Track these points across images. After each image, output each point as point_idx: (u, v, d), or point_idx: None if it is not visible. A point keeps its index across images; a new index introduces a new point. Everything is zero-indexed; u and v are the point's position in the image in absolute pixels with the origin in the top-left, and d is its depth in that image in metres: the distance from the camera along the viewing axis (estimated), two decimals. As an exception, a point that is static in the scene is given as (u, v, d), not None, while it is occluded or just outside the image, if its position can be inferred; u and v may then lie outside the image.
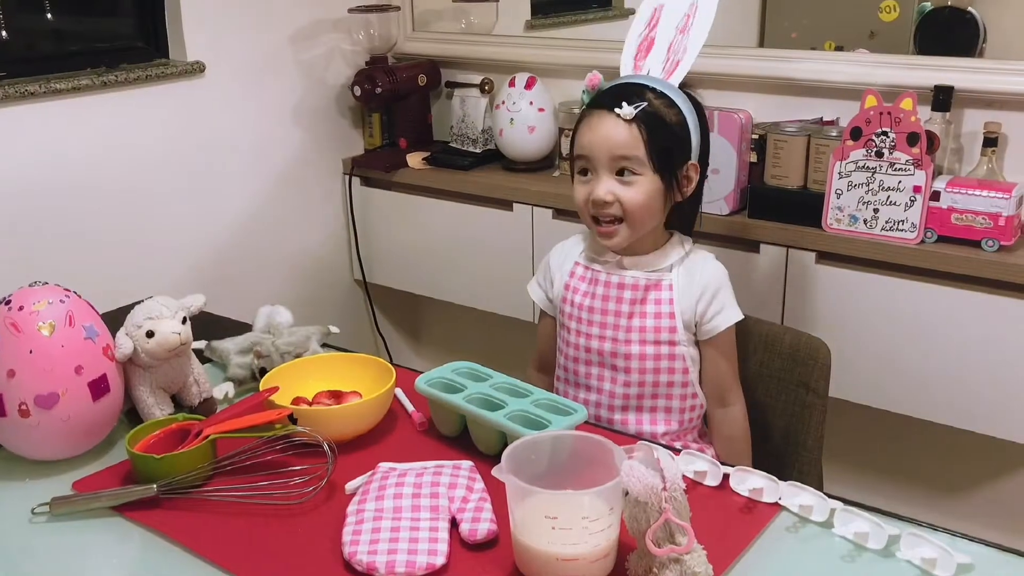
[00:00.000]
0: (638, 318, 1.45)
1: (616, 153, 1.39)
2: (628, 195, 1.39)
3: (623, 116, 1.38)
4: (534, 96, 2.34)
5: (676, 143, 1.42)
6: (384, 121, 2.64)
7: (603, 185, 1.40)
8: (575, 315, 1.50)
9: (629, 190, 1.39)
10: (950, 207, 1.79)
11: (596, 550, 0.97)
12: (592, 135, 1.41)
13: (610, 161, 1.40)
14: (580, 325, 1.49)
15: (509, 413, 1.21)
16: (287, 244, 2.57)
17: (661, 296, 1.45)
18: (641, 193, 1.40)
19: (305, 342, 1.50)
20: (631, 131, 1.38)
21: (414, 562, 1.01)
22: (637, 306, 1.45)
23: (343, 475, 1.19)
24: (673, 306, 1.44)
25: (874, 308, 1.88)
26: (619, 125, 1.38)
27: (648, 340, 1.45)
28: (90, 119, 2.08)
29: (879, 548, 1.04)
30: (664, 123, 1.40)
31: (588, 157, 1.42)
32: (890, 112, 1.79)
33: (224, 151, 2.36)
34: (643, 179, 1.40)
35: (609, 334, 1.46)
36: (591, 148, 1.41)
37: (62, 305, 1.22)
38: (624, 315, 1.46)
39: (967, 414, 1.84)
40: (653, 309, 1.45)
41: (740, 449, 1.50)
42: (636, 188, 1.40)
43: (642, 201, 1.40)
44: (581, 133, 1.43)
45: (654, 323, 1.44)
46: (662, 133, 1.40)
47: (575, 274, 1.52)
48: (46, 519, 1.14)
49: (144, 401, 1.30)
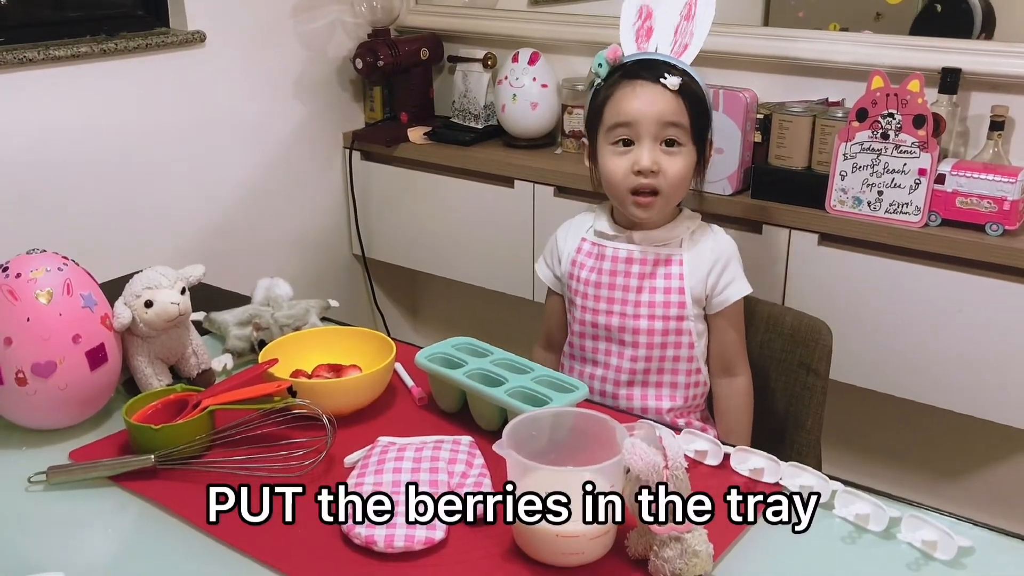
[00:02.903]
0: (647, 292, 1.45)
1: (665, 119, 1.40)
2: (672, 166, 1.41)
3: (669, 86, 1.39)
4: (537, 72, 2.32)
5: (708, 118, 1.46)
6: (385, 95, 2.62)
7: (649, 153, 1.40)
8: (582, 291, 1.49)
9: (673, 161, 1.41)
10: (955, 190, 1.78)
11: (596, 527, 0.97)
12: (639, 102, 1.40)
13: (658, 128, 1.40)
14: (587, 301, 1.49)
15: (509, 389, 1.20)
16: (286, 217, 2.55)
17: (671, 271, 1.45)
18: (683, 165, 1.42)
19: (304, 315, 1.50)
20: (677, 101, 1.40)
21: (412, 536, 1.00)
22: (646, 280, 1.45)
23: (342, 449, 1.18)
24: (683, 280, 1.45)
25: (876, 291, 1.87)
26: (666, 94, 1.40)
27: (657, 315, 1.45)
28: (89, 87, 2.06)
29: (880, 530, 1.04)
30: (700, 97, 1.44)
31: (632, 124, 1.41)
32: (897, 94, 1.78)
33: (223, 122, 2.34)
34: (685, 150, 1.42)
35: (617, 308, 1.46)
36: (638, 114, 1.40)
37: (60, 273, 1.21)
38: (633, 289, 1.46)
39: (968, 399, 1.84)
40: (663, 284, 1.45)
41: (741, 420, 1.50)
42: (679, 159, 1.41)
43: (683, 173, 1.42)
44: (622, 101, 1.42)
45: (663, 298, 1.45)
46: (700, 105, 1.43)
47: (582, 250, 1.51)
48: (42, 488, 1.13)
49: (142, 371, 1.30)
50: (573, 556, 0.98)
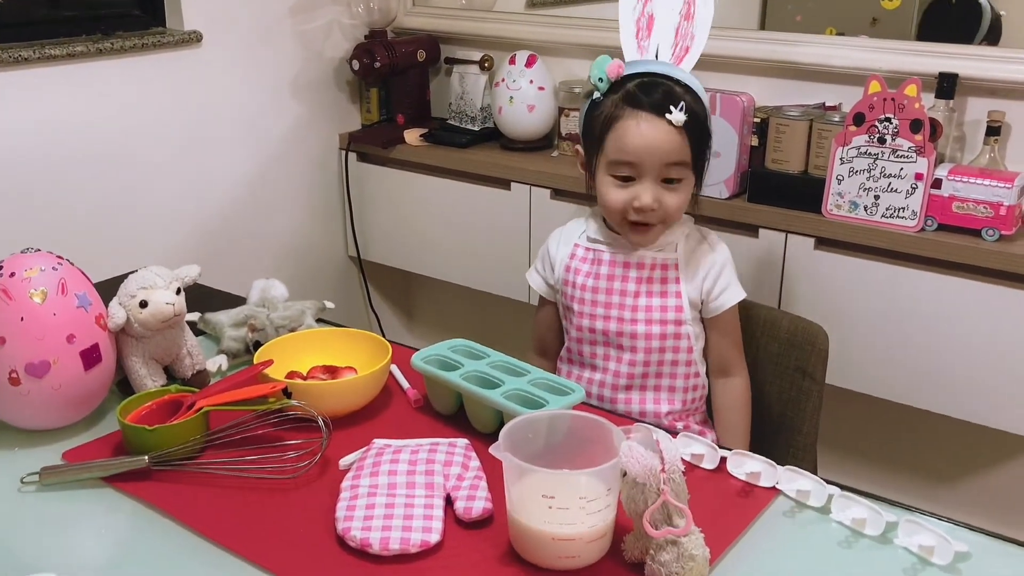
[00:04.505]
0: (644, 297, 1.45)
1: (669, 160, 1.37)
2: (672, 200, 1.39)
3: (675, 123, 1.35)
4: (534, 74, 2.31)
5: (708, 140, 1.43)
6: (382, 96, 2.62)
7: (650, 192, 1.38)
8: (579, 296, 1.49)
9: (674, 196, 1.39)
10: (951, 195, 1.78)
11: (592, 530, 0.96)
12: (643, 141, 1.37)
13: (661, 168, 1.38)
14: (584, 306, 1.48)
15: (506, 392, 1.20)
16: (281, 218, 2.55)
17: (668, 275, 1.45)
18: (682, 198, 1.41)
19: (300, 316, 1.49)
20: (682, 136, 1.37)
21: (408, 539, 0.99)
22: (644, 285, 1.45)
23: (337, 451, 1.17)
24: (680, 285, 1.45)
25: (873, 295, 1.87)
26: (671, 132, 1.36)
27: (655, 319, 1.44)
28: (84, 86, 2.05)
29: (876, 534, 1.03)
30: (703, 124, 1.40)
31: (636, 164, 1.38)
32: (894, 98, 1.78)
33: (220, 122, 2.33)
34: (685, 183, 1.40)
35: (615, 314, 1.46)
36: (643, 154, 1.37)
37: (54, 272, 1.20)
38: (630, 294, 1.45)
39: (964, 404, 1.84)
40: (659, 288, 1.45)
41: (738, 421, 1.50)
42: (680, 193, 1.40)
43: (682, 203, 1.41)
44: (625, 136, 1.38)
45: (660, 302, 1.44)
46: (702, 134, 1.40)
47: (576, 255, 1.51)
48: (35, 488, 1.13)
49: (136, 372, 1.29)
50: (569, 559, 0.97)
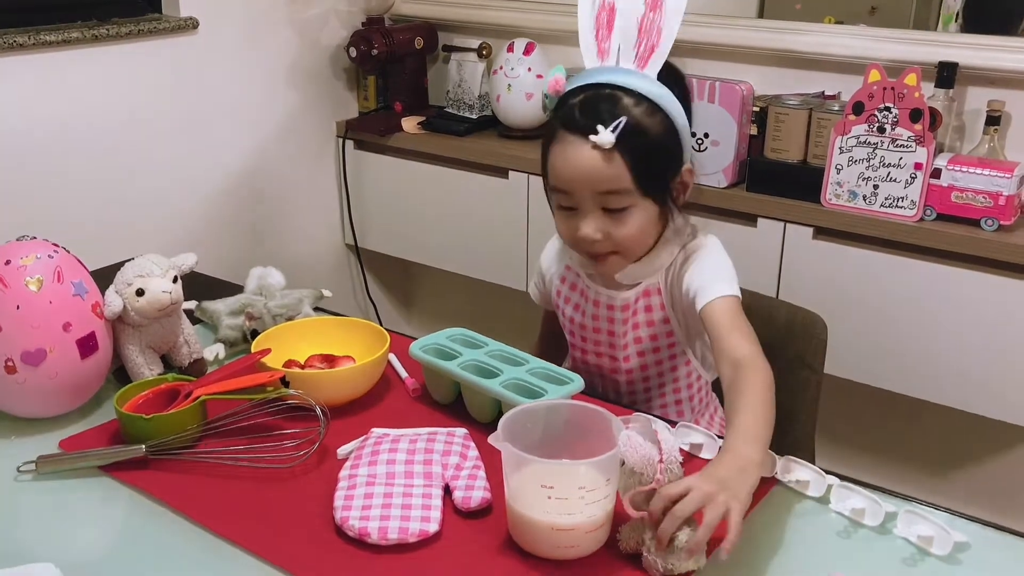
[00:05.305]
0: (632, 330, 1.33)
1: (599, 189, 1.20)
2: (621, 230, 1.22)
3: (601, 144, 1.16)
4: (532, 62, 2.30)
5: (665, 157, 1.23)
6: (379, 84, 2.61)
7: (590, 224, 1.22)
8: (568, 327, 1.42)
9: (622, 225, 1.22)
10: (950, 185, 1.78)
11: (591, 520, 0.96)
12: (568, 168, 1.21)
13: (594, 197, 1.21)
14: (575, 339, 1.42)
15: (504, 381, 1.19)
16: (278, 206, 2.54)
17: (651, 302, 1.32)
18: (635, 227, 1.23)
19: (297, 305, 1.48)
20: (613, 160, 1.18)
21: (407, 528, 0.99)
22: (629, 321, 1.33)
23: (335, 440, 1.17)
24: (665, 311, 1.32)
25: (871, 285, 1.87)
26: (597, 157, 1.18)
27: (646, 350, 1.34)
28: (80, 73, 2.04)
29: (876, 525, 1.03)
30: (649, 140, 1.19)
31: (570, 193, 1.23)
32: (893, 87, 1.77)
33: (215, 110, 2.32)
34: (635, 209, 1.22)
35: (605, 351, 1.37)
36: (572, 184, 1.22)
37: (50, 260, 1.19)
38: (619, 335, 1.34)
39: (963, 394, 1.84)
40: (645, 318, 1.32)
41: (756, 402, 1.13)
42: (629, 222, 1.22)
43: (636, 234, 1.24)
44: (554, 162, 1.23)
45: (648, 332, 1.33)
46: (649, 153, 1.20)
47: (566, 280, 1.41)
48: (31, 478, 1.12)
49: (133, 360, 1.28)
50: (568, 549, 0.97)
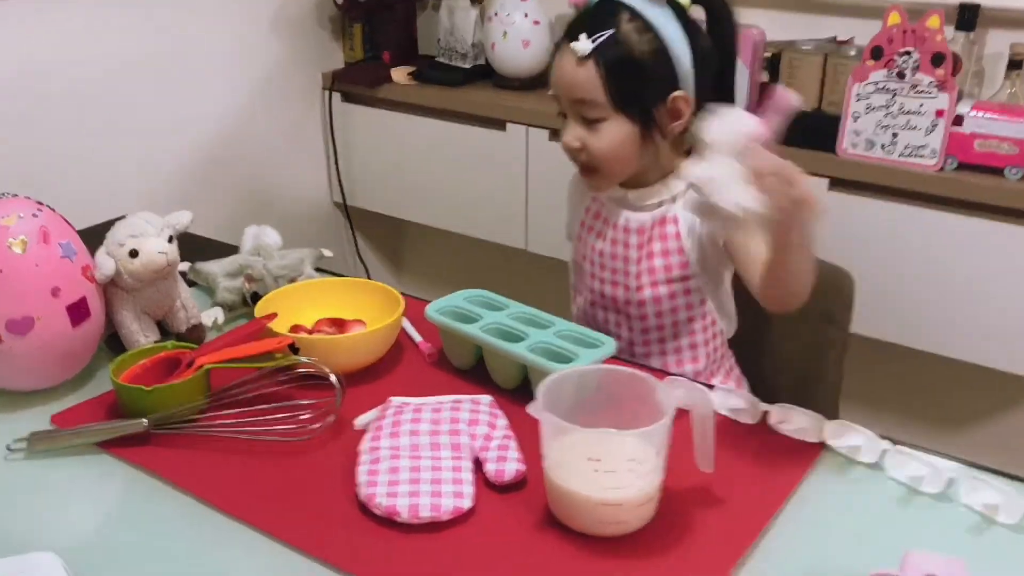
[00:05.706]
0: (645, 260, 1.32)
1: (573, 96, 1.24)
2: (595, 142, 1.25)
3: (577, 51, 1.21)
4: (529, 7, 2.20)
5: (646, 78, 1.22)
6: (366, 32, 2.49)
7: (570, 131, 1.27)
8: (589, 256, 1.38)
9: (596, 137, 1.25)
10: (973, 132, 1.71)
11: (641, 494, 0.89)
12: (556, 74, 1.26)
13: (572, 104, 1.25)
14: (594, 268, 1.38)
15: (531, 345, 1.12)
16: (262, 162, 2.43)
17: (666, 231, 1.30)
18: (605, 140, 1.24)
19: (299, 265, 1.40)
20: (587, 70, 1.21)
21: (439, 505, 0.92)
22: (644, 248, 1.32)
23: (349, 410, 1.09)
24: (681, 240, 1.30)
25: (890, 238, 1.81)
26: (575, 65, 1.22)
27: (659, 281, 1.32)
28: (58, 21, 1.92)
29: (936, 492, 0.97)
30: (629, 56, 1.20)
31: (558, 98, 1.28)
32: (914, 30, 1.69)
33: (197, 60, 2.20)
34: (608, 124, 1.24)
35: (620, 280, 1.34)
36: (555, 89, 1.27)
37: (35, 220, 1.10)
38: (632, 260, 1.33)
39: (986, 349, 1.79)
40: (660, 247, 1.31)
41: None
42: (601, 134, 1.24)
43: (607, 149, 1.25)
44: (554, 68, 1.28)
45: (662, 262, 1.31)
46: (624, 69, 1.21)
47: (590, 210, 1.39)
48: (23, 456, 1.04)
49: (128, 327, 1.19)
50: (614, 526, 0.90)
